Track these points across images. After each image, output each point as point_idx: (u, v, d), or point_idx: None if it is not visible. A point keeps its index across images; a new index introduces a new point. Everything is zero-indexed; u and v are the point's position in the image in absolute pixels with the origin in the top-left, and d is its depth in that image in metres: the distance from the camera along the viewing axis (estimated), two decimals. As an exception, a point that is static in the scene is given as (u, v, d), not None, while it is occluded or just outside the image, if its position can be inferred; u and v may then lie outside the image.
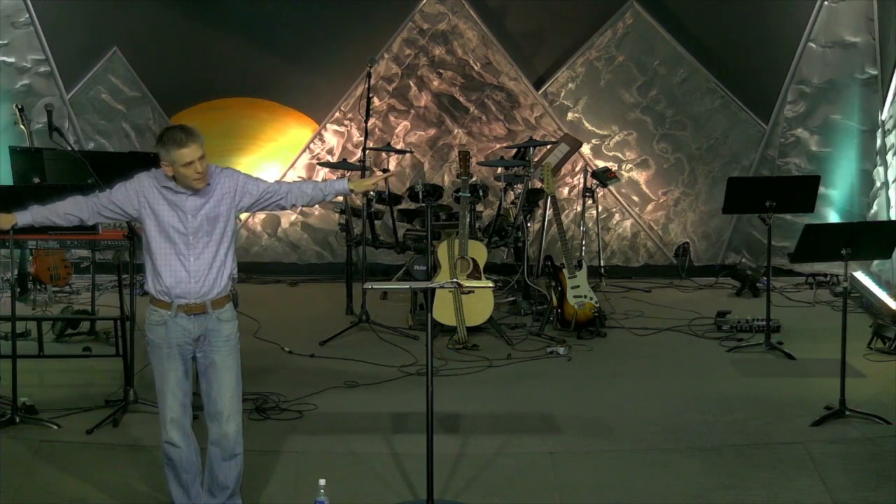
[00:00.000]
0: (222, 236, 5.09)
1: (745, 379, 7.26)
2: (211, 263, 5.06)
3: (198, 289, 5.04)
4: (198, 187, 5.00)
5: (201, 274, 5.04)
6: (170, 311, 5.06)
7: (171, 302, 5.05)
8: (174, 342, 5.08)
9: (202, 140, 4.95)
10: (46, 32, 9.78)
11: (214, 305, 5.08)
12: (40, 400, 6.44)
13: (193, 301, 5.04)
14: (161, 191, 5.05)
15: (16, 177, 7.48)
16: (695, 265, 10.15)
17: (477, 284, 7.86)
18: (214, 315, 5.08)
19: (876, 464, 5.79)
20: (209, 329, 5.09)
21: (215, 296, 5.07)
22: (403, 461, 5.84)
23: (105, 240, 6.75)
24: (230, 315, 5.14)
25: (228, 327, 5.12)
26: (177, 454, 5.11)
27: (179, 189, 5.02)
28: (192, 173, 4.96)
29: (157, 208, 5.05)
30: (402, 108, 10.14)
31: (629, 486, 5.61)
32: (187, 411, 5.15)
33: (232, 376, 5.13)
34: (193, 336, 5.09)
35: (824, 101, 9.93)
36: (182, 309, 5.04)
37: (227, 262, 5.12)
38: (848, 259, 6.39)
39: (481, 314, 8.13)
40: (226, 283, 5.11)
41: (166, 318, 5.07)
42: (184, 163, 4.93)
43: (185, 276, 5.03)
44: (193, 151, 4.92)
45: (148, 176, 5.10)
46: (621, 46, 10.06)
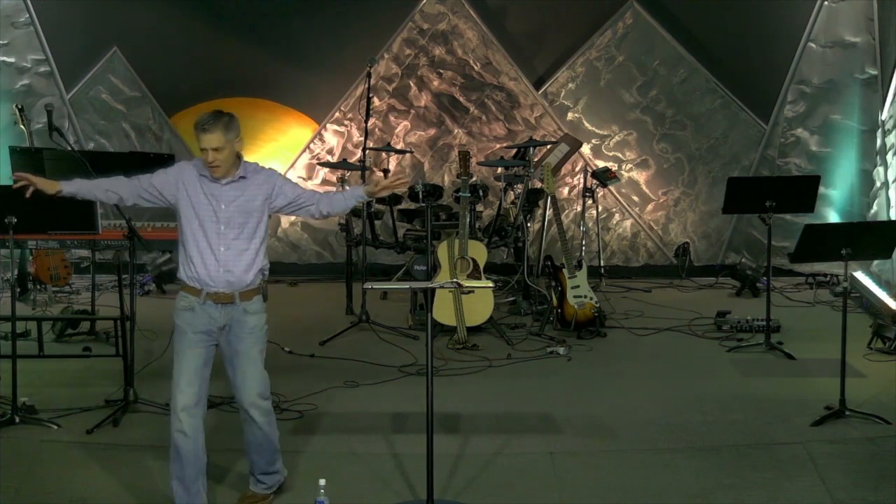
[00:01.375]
0: (254, 231, 5.19)
1: (745, 379, 7.26)
2: (241, 255, 5.16)
3: (226, 278, 5.14)
4: (214, 174, 5.13)
5: (231, 264, 5.14)
6: (198, 298, 5.15)
7: (201, 289, 5.15)
8: (199, 328, 5.16)
9: (231, 135, 5.11)
10: (46, 32, 9.78)
11: (242, 297, 5.18)
12: (40, 400, 6.44)
13: (222, 290, 5.14)
14: (199, 179, 5.19)
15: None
16: (695, 265, 10.15)
17: (477, 284, 7.86)
18: (241, 306, 5.18)
19: (876, 464, 5.79)
20: (234, 319, 5.18)
21: (244, 287, 5.17)
22: (403, 461, 5.84)
23: (105, 240, 6.75)
24: (257, 308, 5.23)
25: (254, 319, 5.22)
26: (185, 444, 5.11)
27: (214, 178, 5.16)
28: (205, 159, 5.12)
29: (194, 195, 5.17)
30: (402, 108, 10.14)
31: (629, 486, 5.61)
32: (201, 402, 5.19)
33: (256, 366, 5.24)
34: (219, 324, 5.17)
35: (824, 101, 9.94)
36: (210, 297, 5.14)
37: (258, 257, 5.20)
38: (848, 259, 6.39)
39: (481, 314, 8.13)
40: (255, 277, 5.20)
41: (194, 305, 5.16)
42: (200, 146, 5.12)
43: (215, 264, 5.13)
44: (210, 139, 5.08)
45: (190, 163, 5.27)
46: (621, 46, 10.06)
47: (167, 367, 7.15)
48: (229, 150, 5.13)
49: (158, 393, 6.69)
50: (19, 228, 6.13)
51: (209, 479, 5.31)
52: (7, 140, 8.84)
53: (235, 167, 5.20)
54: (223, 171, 5.15)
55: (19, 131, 8.89)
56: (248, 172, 5.22)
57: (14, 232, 6.12)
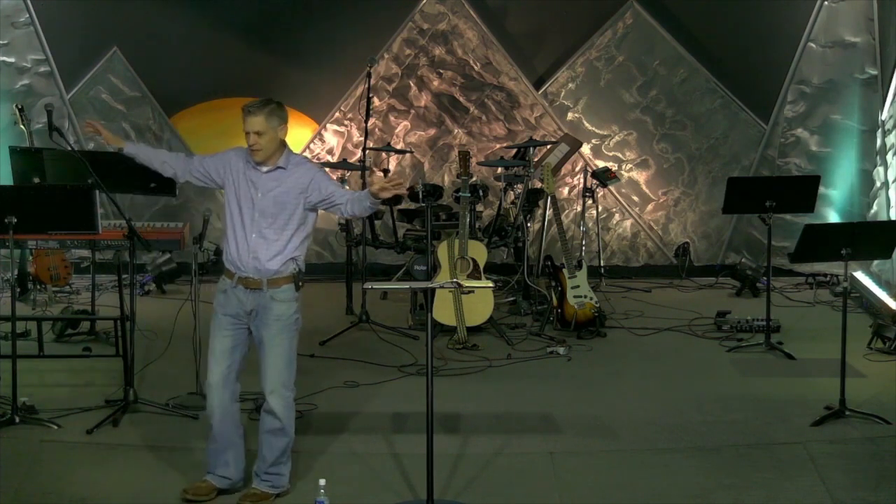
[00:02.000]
0: (286, 222, 5.33)
1: (745, 379, 7.26)
2: (270, 244, 5.30)
3: (254, 265, 5.29)
4: (254, 158, 5.31)
5: (259, 251, 5.29)
6: (231, 282, 5.35)
7: (234, 273, 5.34)
8: (228, 311, 5.34)
9: (273, 122, 5.29)
10: (46, 32, 9.78)
11: (270, 284, 5.31)
12: (40, 400, 6.44)
13: (252, 276, 5.30)
14: (245, 164, 5.38)
15: (16, 177, 7.47)
16: (695, 265, 10.15)
17: (477, 284, 7.86)
18: (269, 293, 5.30)
19: (876, 464, 5.79)
20: (261, 305, 5.31)
21: (271, 275, 5.30)
22: (403, 461, 5.84)
23: (105, 240, 6.75)
24: (286, 296, 5.34)
25: (281, 307, 5.32)
26: (213, 419, 5.36)
27: (256, 165, 5.32)
28: (247, 141, 5.30)
29: (238, 180, 5.37)
30: (402, 108, 10.14)
31: (629, 486, 5.61)
32: (228, 383, 5.36)
33: (279, 354, 5.32)
34: (246, 309, 5.33)
35: (824, 101, 9.93)
36: (241, 281, 5.32)
37: (289, 247, 5.33)
38: (848, 259, 6.39)
39: (481, 314, 8.13)
40: (283, 266, 5.31)
41: (227, 287, 5.36)
42: (245, 129, 5.29)
43: (246, 250, 5.31)
44: (252, 123, 5.25)
45: (239, 149, 5.46)
46: (621, 46, 10.06)
47: (167, 367, 7.21)
48: (270, 137, 5.28)
49: (158, 393, 6.70)
50: (19, 228, 6.12)
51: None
52: (7, 140, 8.84)
53: (278, 156, 5.35)
54: (263, 156, 5.31)
55: (19, 131, 8.89)
56: (288, 164, 5.37)
57: (14, 232, 6.12)
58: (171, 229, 7.18)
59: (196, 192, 10.06)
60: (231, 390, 5.38)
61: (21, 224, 6.11)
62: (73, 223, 6.37)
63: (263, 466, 5.41)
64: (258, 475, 5.42)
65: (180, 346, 7.22)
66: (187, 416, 6.41)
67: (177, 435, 6.17)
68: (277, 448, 5.40)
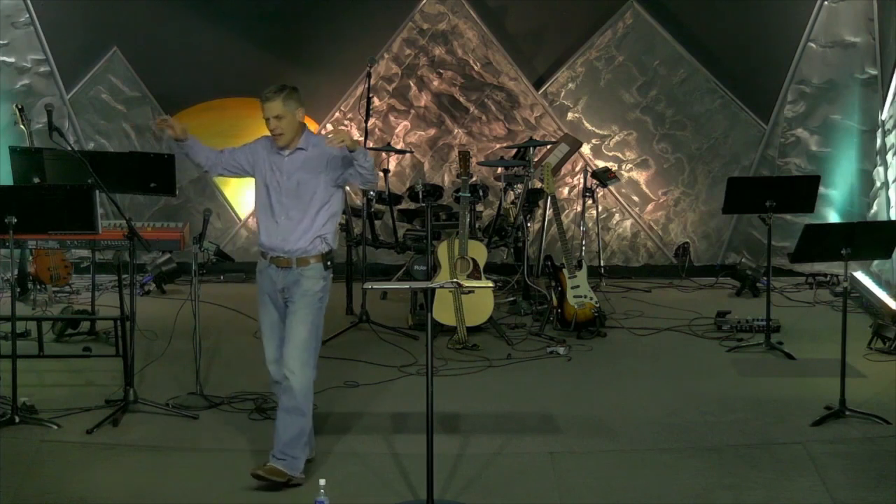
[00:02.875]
0: (310, 201, 5.57)
1: (745, 379, 7.26)
2: (297, 224, 5.56)
3: (284, 245, 5.57)
4: (277, 143, 5.58)
5: (287, 232, 5.56)
6: (266, 262, 5.65)
7: (267, 253, 5.64)
8: (266, 290, 5.68)
9: (291, 105, 5.55)
10: (46, 32, 9.78)
11: (299, 262, 5.58)
12: (40, 400, 6.45)
13: (282, 255, 5.58)
14: (269, 151, 5.66)
15: (16, 177, 7.48)
16: (695, 265, 10.14)
17: (477, 284, 7.86)
18: (298, 271, 5.58)
19: (876, 464, 5.79)
20: (291, 282, 5.59)
21: (300, 254, 5.57)
22: (403, 461, 5.85)
23: (105, 240, 6.74)
24: (314, 273, 5.59)
25: (309, 283, 5.58)
26: (278, 390, 5.64)
27: (279, 150, 5.62)
28: (268, 127, 5.57)
29: (264, 166, 5.64)
30: (402, 108, 10.14)
31: (629, 486, 5.61)
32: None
33: (303, 329, 5.57)
34: (278, 287, 5.63)
35: (824, 101, 9.93)
36: (273, 261, 5.61)
37: (315, 225, 5.58)
38: (848, 259, 6.39)
39: (481, 314, 8.13)
40: (312, 244, 5.58)
41: (263, 268, 5.67)
42: (265, 116, 5.55)
43: (276, 231, 5.59)
44: (271, 109, 5.52)
45: (264, 137, 5.73)
46: (621, 46, 10.05)
47: (167, 368, 7.21)
48: (290, 119, 5.55)
49: (158, 393, 6.70)
50: (19, 228, 6.13)
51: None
52: (7, 140, 8.84)
53: (298, 138, 5.62)
54: (286, 140, 5.57)
55: (19, 131, 8.89)
56: (308, 145, 5.61)
57: (14, 232, 6.12)
58: (171, 229, 7.18)
59: (196, 192, 10.07)
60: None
61: (21, 224, 6.12)
62: (73, 223, 6.37)
63: (279, 445, 5.53)
64: (274, 455, 5.52)
65: (180, 346, 7.23)
66: (187, 416, 6.41)
67: (177, 435, 6.17)
68: (292, 428, 5.52)
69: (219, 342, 7.93)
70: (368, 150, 8.91)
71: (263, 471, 5.46)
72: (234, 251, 9.95)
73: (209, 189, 10.12)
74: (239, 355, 7.72)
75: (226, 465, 5.82)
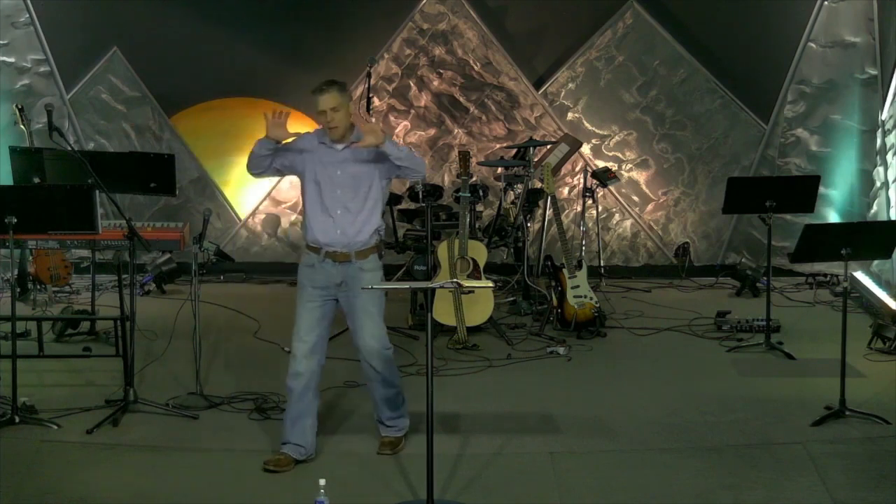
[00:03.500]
0: (367, 193, 5.66)
1: (745, 379, 7.26)
2: (356, 217, 5.63)
3: (342, 239, 5.64)
4: (332, 136, 5.64)
5: (346, 226, 5.63)
6: (318, 257, 5.67)
7: (321, 248, 5.66)
8: (318, 284, 5.69)
9: (346, 98, 5.64)
10: (46, 32, 9.78)
11: (358, 256, 5.67)
12: (40, 400, 6.44)
13: (339, 250, 5.64)
14: (318, 146, 5.70)
15: (16, 177, 7.48)
16: (695, 265, 10.14)
17: (477, 284, 7.86)
18: (357, 264, 5.67)
19: (876, 464, 5.79)
20: (350, 276, 5.66)
21: (359, 247, 5.66)
22: (403, 461, 5.85)
23: (105, 240, 6.74)
24: (372, 265, 5.71)
25: (369, 276, 5.67)
26: (296, 385, 5.72)
27: (332, 144, 5.69)
28: (323, 120, 5.61)
29: (314, 162, 5.68)
30: (402, 108, 10.14)
31: (629, 486, 5.61)
32: (315, 351, 5.72)
33: (373, 320, 5.71)
34: (336, 281, 5.68)
35: (824, 101, 9.93)
36: (329, 256, 5.66)
37: (372, 218, 5.68)
38: (848, 259, 6.39)
39: (481, 314, 8.13)
40: (370, 237, 5.68)
41: (314, 262, 5.69)
42: (319, 109, 5.60)
43: (332, 226, 5.64)
44: (328, 101, 5.57)
45: (313, 134, 5.79)
46: (621, 46, 10.06)
47: (167, 367, 7.21)
48: (344, 112, 5.61)
49: (158, 393, 6.70)
50: (19, 228, 6.13)
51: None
52: (7, 140, 8.84)
53: (350, 132, 5.68)
54: (341, 132, 5.64)
55: (19, 131, 8.89)
56: (360, 138, 5.61)
57: (14, 232, 6.12)
58: (171, 229, 7.18)
59: (196, 192, 10.07)
60: (318, 358, 5.74)
61: (21, 224, 6.12)
62: (73, 223, 6.37)
63: (386, 414, 5.91)
64: (383, 423, 5.93)
65: (180, 346, 7.23)
66: (187, 416, 6.41)
67: (177, 435, 6.17)
68: (391, 396, 5.89)
69: (219, 342, 7.93)
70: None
71: (388, 448, 5.88)
72: (234, 251, 9.96)
73: (209, 189, 10.12)
74: (239, 355, 7.73)
75: (226, 465, 5.82)
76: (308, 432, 5.80)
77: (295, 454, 5.75)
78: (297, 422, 5.76)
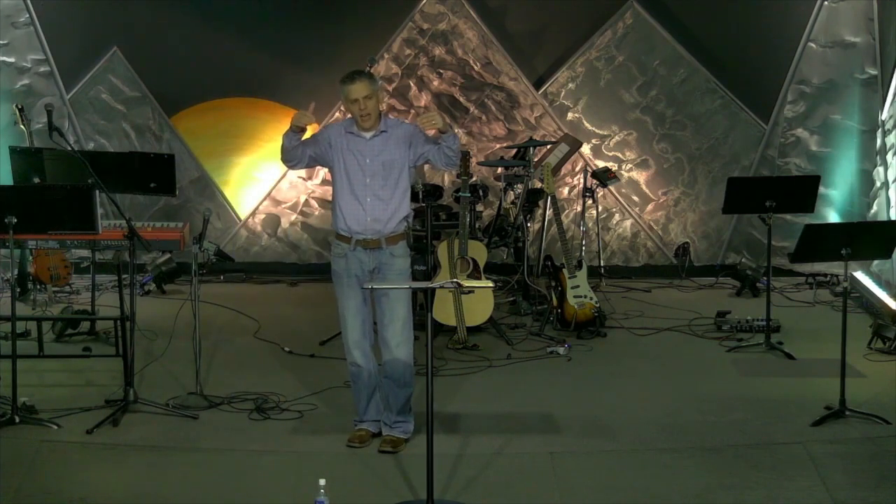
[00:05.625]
0: (398, 181, 5.76)
1: (745, 379, 7.26)
2: (386, 204, 5.74)
3: (373, 226, 5.75)
4: (363, 125, 5.71)
5: (377, 213, 5.73)
6: (349, 245, 5.78)
7: (351, 237, 5.77)
8: (352, 272, 5.80)
9: (376, 86, 5.72)
10: (46, 32, 9.78)
11: (388, 242, 5.79)
12: (40, 400, 6.44)
13: (370, 237, 5.76)
14: (345, 136, 5.78)
15: (16, 177, 7.48)
16: (695, 265, 10.14)
17: (477, 284, 7.86)
18: (388, 250, 5.79)
19: (876, 464, 5.79)
20: (382, 262, 5.79)
21: (389, 233, 5.78)
22: (403, 461, 5.84)
23: (105, 240, 6.74)
24: (403, 251, 5.84)
25: (400, 262, 5.82)
26: (358, 372, 5.92)
27: (360, 133, 5.69)
28: (356, 110, 5.68)
29: (342, 151, 5.77)
30: (402, 108, 10.14)
31: (629, 486, 5.61)
32: (367, 335, 5.91)
33: (402, 307, 5.80)
34: (368, 268, 5.80)
35: (824, 101, 9.93)
36: (360, 243, 5.77)
37: (403, 205, 5.79)
38: (848, 259, 6.39)
39: (481, 314, 8.13)
40: (399, 223, 5.79)
41: (346, 251, 5.80)
42: (351, 98, 5.67)
43: (363, 214, 5.74)
44: (360, 90, 5.65)
45: (339, 123, 5.88)
46: (621, 46, 10.05)
47: (167, 368, 7.21)
48: (376, 100, 5.70)
49: (158, 393, 6.70)
50: (19, 228, 6.13)
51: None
52: (7, 140, 8.84)
53: (378, 121, 5.76)
54: (372, 121, 5.72)
55: (19, 131, 8.89)
56: (388, 126, 5.77)
57: (14, 232, 6.12)
58: (171, 229, 7.18)
59: (196, 192, 10.07)
60: (370, 340, 5.92)
61: (21, 224, 6.12)
62: (73, 223, 6.37)
63: (392, 417, 5.95)
64: (388, 425, 5.98)
65: (180, 346, 7.23)
66: (187, 416, 6.41)
67: (177, 435, 6.17)
68: (403, 398, 5.94)
69: (219, 342, 7.93)
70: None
71: (389, 445, 5.89)
72: (234, 251, 9.95)
73: (209, 189, 10.12)
74: (239, 355, 7.73)
75: (226, 465, 5.82)
76: (382, 404, 6.02)
77: (374, 429, 6.02)
78: (370, 399, 5.99)
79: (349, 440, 5.98)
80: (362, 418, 6.06)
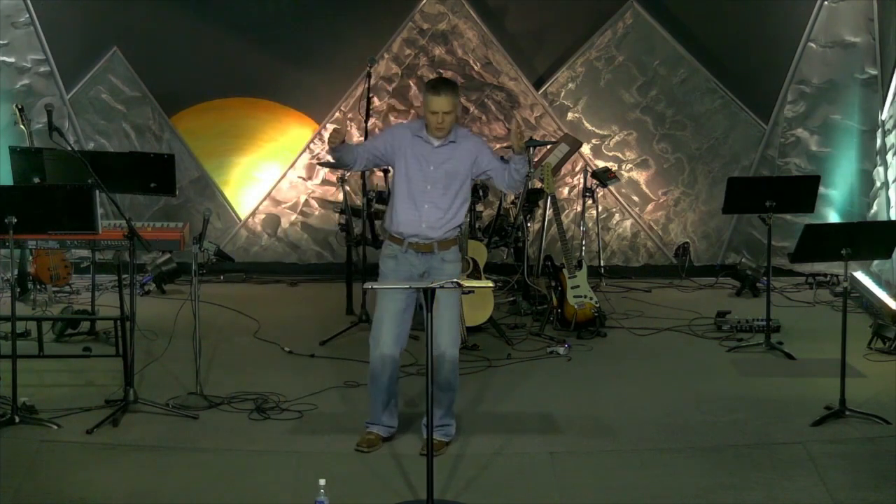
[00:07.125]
0: (458, 192, 5.79)
1: (745, 379, 7.26)
2: (444, 213, 5.76)
3: (427, 232, 5.76)
4: (435, 135, 5.73)
5: (432, 220, 5.75)
6: (401, 247, 5.80)
7: (404, 239, 5.78)
8: (401, 275, 5.79)
9: (457, 100, 5.73)
10: (46, 32, 9.77)
11: (440, 247, 5.80)
12: (40, 400, 6.44)
13: (423, 241, 5.77)
14: (413, 140, 5.78)
15: (16, 177, 7.48)
16: (695, 265, 10.14)
17: (477, 284, 7.85)
18: (439, 255, 5.80)
19: (876, 464, 5.80)
20: (433, 267, 5.80)
21: (441, 238, 5.78)
22: (403, 461, 5.85)
23: (105, 240, 6.74)
24: (454, 257, 5.86)
25: (451, 267, 5.83)
26: (381, 371, 5.88)
27: (429, 140, 5.76)
28: (434, 121, 5.69)
29: (407, 155, 5.76)
30: (402, 108, 10.14)
31: (629, 486, 5.61)
32: (398, 342, 5.88)
33: (451, 312, 5.82)
34: (419, 271, 5.80)
35: (824, 101, 9.93)
36: (412, 246, 5.78)
37: (458, 214, 5.81)
38: (848, 259, 6.39)
39: (481, 314, 8.13)
40: (452, 230, 5.82)
41: (397, 253, 5.81)
42: (431, 109, 5.68)
43: (418, 218, 5.75)
44: (443, 104, 5.66)
45: (406, 125, 5.98)
46: (621, 46, 10.05)
47: (167, 367, 7.21)
48: (454, 115, 5.74)
49: (158, 393, 6.70)
50: (19, 228, 6.13)
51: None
52: (7, 140, 8.83)
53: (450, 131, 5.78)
54: (445, 133, 5.75)
55: (19, 131, 8.89)
56: (458, 137, 5.78)
57: (14, 232, 6.12)
58: (171, 229, 7.18)
59: (196, 192, 10.06)
60: (400, 347, 5.90)
61: (21, 224, 6.12)
62: (73, 223, 6.37)
63: (436, 420, 5.74)
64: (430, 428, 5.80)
65: (180, 346, 7.23)
66: (187, 416, 6.41)
67: (177, 435, 6.17)
68: (447, 401, 5.93)
69: (219, 342, 7.93)
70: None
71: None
72: (234, 251, 9.95)
73: (209, 189, 10.12)
74: (239, 355, 7.73)
75: (226, 465, 5.82)
76: (395, 412, 6.04)
77: (385, 434, 6.00)
78: (386, 405, 5.97)
79: (358, 444, 5.93)
80: (375, 420, 6.02)
